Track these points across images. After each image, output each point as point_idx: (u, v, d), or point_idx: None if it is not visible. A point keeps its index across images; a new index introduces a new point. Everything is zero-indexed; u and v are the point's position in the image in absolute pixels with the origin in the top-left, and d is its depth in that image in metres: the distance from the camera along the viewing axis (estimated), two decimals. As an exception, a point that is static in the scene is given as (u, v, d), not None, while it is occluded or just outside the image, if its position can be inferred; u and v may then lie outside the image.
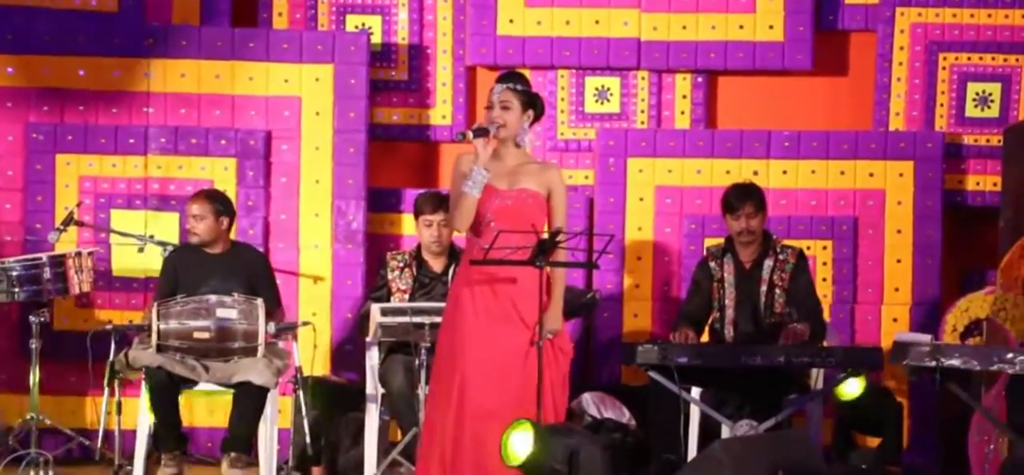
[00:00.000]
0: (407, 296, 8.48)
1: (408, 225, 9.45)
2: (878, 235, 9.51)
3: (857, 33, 9.90)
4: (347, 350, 9.37)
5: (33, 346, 8.35)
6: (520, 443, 6.48)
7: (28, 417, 8.39)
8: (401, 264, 8.57)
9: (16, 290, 8.34)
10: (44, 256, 8.43)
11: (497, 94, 6.82)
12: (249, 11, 9.84)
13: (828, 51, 9.85)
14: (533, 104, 6.86)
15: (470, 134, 6.74)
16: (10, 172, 9.27)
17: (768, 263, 8.35)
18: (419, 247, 8.63)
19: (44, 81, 9.32)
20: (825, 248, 9.49)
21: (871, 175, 9.52)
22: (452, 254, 8.61)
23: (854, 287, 9.50)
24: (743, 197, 8.34)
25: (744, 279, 8.37)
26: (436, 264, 8.59)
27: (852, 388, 7.76)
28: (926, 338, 7.00)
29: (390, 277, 8.55)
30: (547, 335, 6.74)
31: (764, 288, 8.32)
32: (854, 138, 9.57)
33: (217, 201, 8.46)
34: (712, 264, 8.44)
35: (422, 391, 7.82)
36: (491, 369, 6.67)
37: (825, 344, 8.24)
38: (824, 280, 9.36)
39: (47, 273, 8.35)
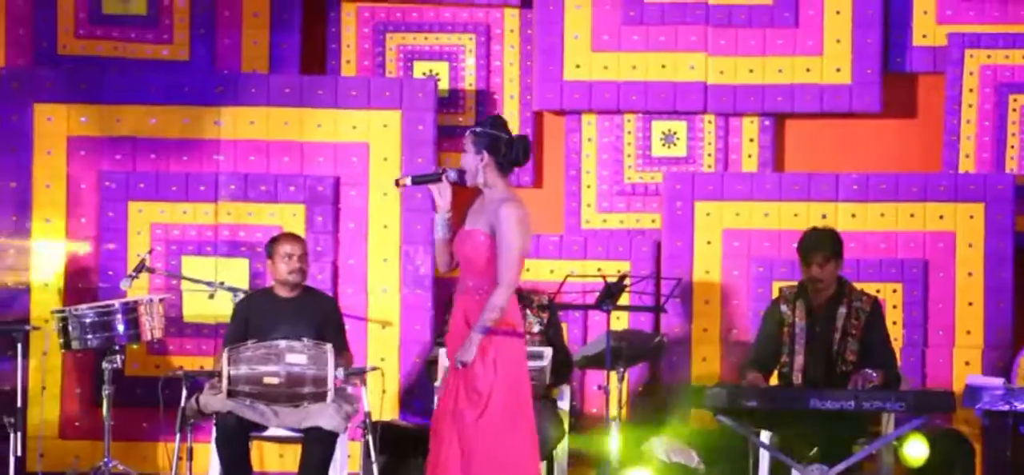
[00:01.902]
0: (475, 341, 8.48)
1: (476, 270, 9.46)
2: (949, 277, 9.43)
3: (925, 75, 9.84)
4: (415, 394, 9.39)
5: (106, 392, 8.40)
6: None
7: (101, 463, 8.45)
8: (468, 309, 8.58)
9: (89, 337, 8.40)
10: (116, 303, 8.49)
11: (466, 142, 6.87)
12: (317, 59, 9.91)
13: (896, 93, 9.80)
14: (491, 146, 6.79)
15: (407, 181, 6.98)
16: (83, 219, 9.37)
17: (841, 310, 8.28)
18: (486, 292, 8.63)
19: (116, 130, 9.42)
20: (895, 291, 9.42)
21: (941, 217, 9.46)
22: (520, 297, 8.60)
23: (925, 330, 9.42)
24: (815, 246, 8.26)
25: (816, 325, 8.31)
26: (504, 308, 8.59)
27: (918, 451, 7.65)
28: (999, 382, 6.96)
29: (458, 322, 8.55)
30: (457, 363, 6.68)
31: (837, 336, 8.25)
32: (924, 180, 9.51)
33: (304, 242, 8.57)
34: (783, 307, 8.39)
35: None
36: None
37: (895, 388, 8.18)
38: (894, 323, 9.29)
39: (119, 320, 8.41)
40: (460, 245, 6.83)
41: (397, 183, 7.10)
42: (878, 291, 9.01)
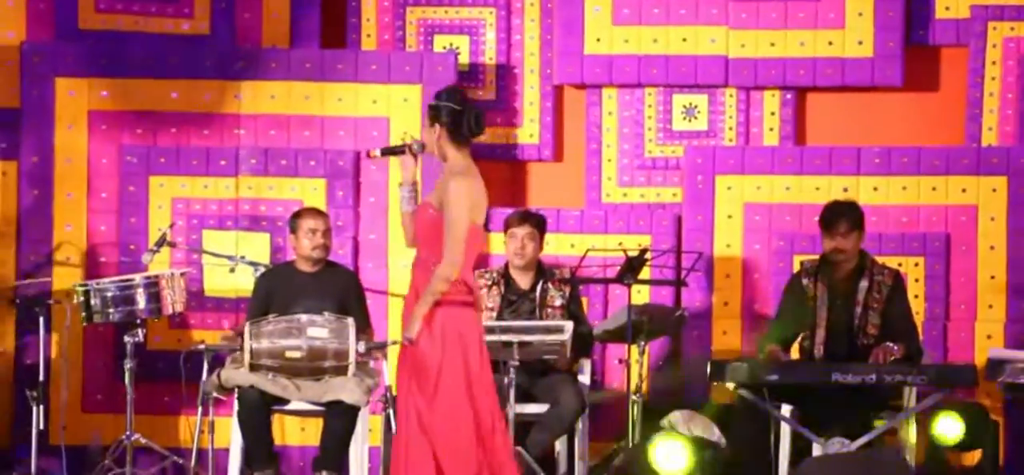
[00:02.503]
0: (494, 314, 8.50)
1: (496, 244, 9.47)
2: (971, 251, 9.41)
3: (948, 48, 9.80)
4: (436, 369, 9.38)
5: (127, 366, 8.43)
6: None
7: (123, 437, 8.48)
8: (489, 282, 8.60)
9: (111, 311, 8.43)
10: (138, 277, 8.51)
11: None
12: (338, 33, 9.91)
13: (919, 66, 9.77)
14: (441, 117, 6.75)
15: (377, 153, 7.04)
16: (104, 194, 9.39)
17: (863, 284, 8.27)
18: (507, 265, 8.65)
19: (137, 104, 9.43)
20: (917, 265, 9.40)
21: (963, 191, 9.43)
22: (540, 271, 8.62)
23: (947, 304, 9.40)
24: (838, 215, 8.26)
25: (837, 298, 8.29)
26: (523, 281, 8.60)
27: (952, 430, 7.59)
28: (1021, 355, 6.94)
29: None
30: (404, 340, 6.65)
31: (858, 309, 8.24)
32: (946, 154, 9.48)
33: (327, 218, 8.58)
34: (805, 281, 8.38)
35: (512, 409, 7.83)
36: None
37: (915, 362, 8.17)
38: (916, 297, 9.26)
39: (141, 294, 8.43)
40: (415, 219, 6.82)
41: (367, 155, 7.16)
42: (900, 265, 8.99)
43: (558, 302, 8.58)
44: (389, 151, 7.09)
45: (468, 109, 6.76)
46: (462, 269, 6.67)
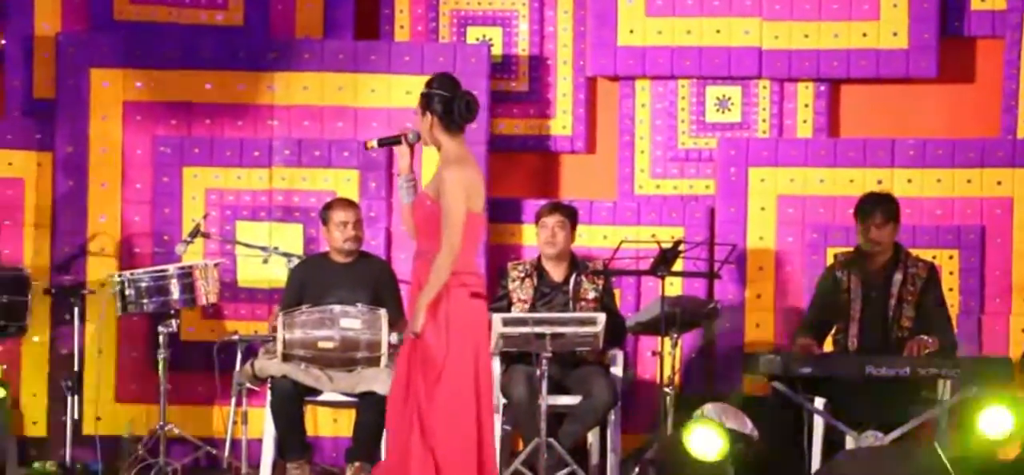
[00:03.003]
0: (528, 306, 8.50)
1: (529, 236, 9.47)
2: (1006, 244, 9.36)
3: (984, 40, 9.75)
4: (469, 360, 9.39)
5: (161, 356, 8.46)
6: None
7: (157, 427, 8.51)
8: (522, 274, 8.60)
9: (145, 301, 8.46)
10: (171, 268, 8.54)
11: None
12: (371, 24, 9.92)
13: (954, 58, 9.72)
14: (432, 105, 6.66)
15: (374, 143, 6.97)
16: (138, 185, 9.42)
17: (897, 276, 8.24)
18: (540, 257, 8.65)
19: (171, 95, 9.46)
20: (951, 258, 9.36)
21: (999, 183, 9.39)
22: (573, 263, 8.61)
23: (981, 297, 9.36)
24: (874, 206, 8.23)
25: (871, 291, 8.27)
26: (556, 273, 8.60)
27: (1003, 423, 7.49)
28: (1057, 348, 6.91)
29: (511, 287, 8.57)
30: (410, 333, 6.59)
31: (892, 302, 8.21)
32: (981, 146, 9.44)
33: (359, 209, 8.59)
34: (839, 273, 8.35)
35: (544, 401, 7.83)
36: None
37: (950, 355, 8.13)
38: (950, 290, 9.23)
39: (175, 284, 8.46)
40: (413, 211, 6.74)
41: (365, 146, 7.12)
42: (934, 257, 8.95)
43: (592, 295, 8.57)
44: (385, 141, 7.02)
45: (459, 95, 6.64)
46: (464, 258, 6.57)
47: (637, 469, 8.42)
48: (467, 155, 6.68)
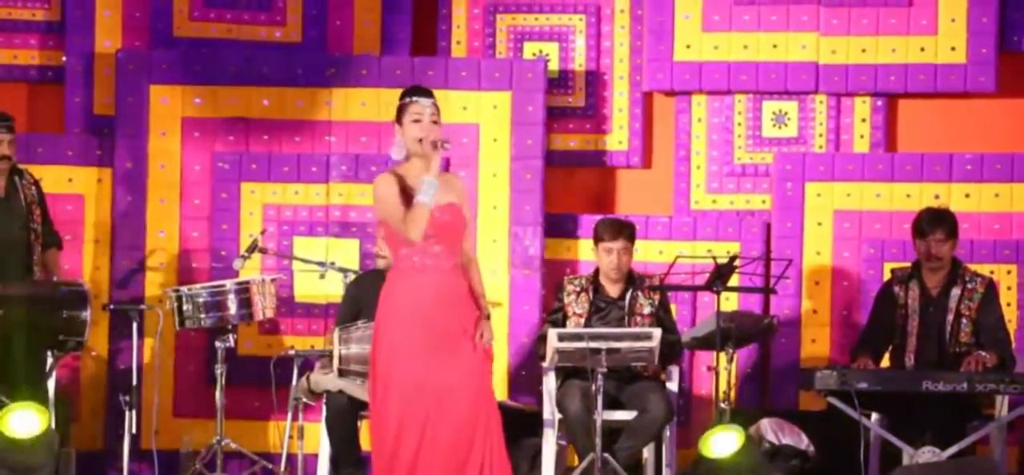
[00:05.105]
0: (583, 321, 8.50)
1: (585, 251, 9.47)
2: (1065, 259, 9.30)
3: (1043, 55, 9.70)
4: (524, 375, 9.41)
5: (218, 371, 8.51)
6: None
7: (214, 441, 8.56)
8: (578, 289, 8.59)
9: (202, 316, 8.51)
10: (229, 283, 8.59)
11: (429, 108, 6.63)
12: (428, 40, 9.96)
13: (1012, 73, 9.65)
14: (396, 118, 6.63)
15: (446, 146, 6.70)
16: (197, 200, 9.49)
17: (955, 291, 8.19)
18: (596, 272, 8.64)
19: (229, 111, 9.53)
20: (1009, 273, 9.30)
21: (1058, 198, 9.33)
22: (629, 279, 8.61)
23: (1040, 312, 9.31)
24: (934, 222, 8.19)
25: (929, 306, 8.22)
26: (613, 289, 8.59)
27: None
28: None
29: (567, 302, 8.57)
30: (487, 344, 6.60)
31: (950, 317, 8.16)
32: (1040, 160, 9.38)
33: None
34: (896, 289, 8.31)
35: (599, 416, 7.83)
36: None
37: (1010, 371, 8.07)
38: (1008, 305, 9.16)
39: (232, 300, 8.51)
40: (454, 219, 6.63)
41: (443, 146, 6.93)
42: (992, 272, 8.89)
43: (647, 310, 8.56)
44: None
45: (405, 100, 6.61)
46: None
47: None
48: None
